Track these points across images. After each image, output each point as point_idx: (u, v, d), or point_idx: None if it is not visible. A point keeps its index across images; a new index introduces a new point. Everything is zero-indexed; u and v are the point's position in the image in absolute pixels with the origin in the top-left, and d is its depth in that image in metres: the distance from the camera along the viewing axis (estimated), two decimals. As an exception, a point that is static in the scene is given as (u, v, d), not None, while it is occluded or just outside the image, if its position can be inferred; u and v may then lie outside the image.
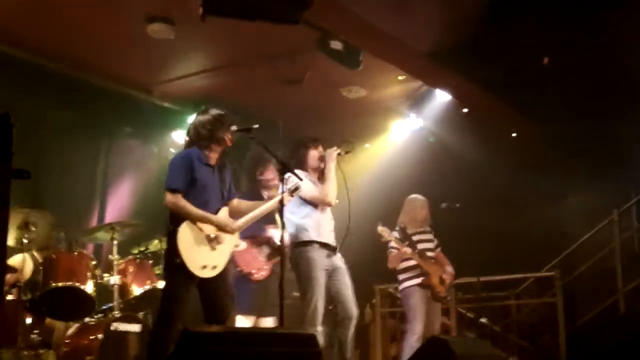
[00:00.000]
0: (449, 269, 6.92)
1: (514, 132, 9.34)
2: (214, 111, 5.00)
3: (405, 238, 6.76)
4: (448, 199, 7.47)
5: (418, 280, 6.71)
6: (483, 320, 8.14)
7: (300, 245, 5.59)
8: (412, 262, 6.75)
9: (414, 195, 7.13)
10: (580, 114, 8.38)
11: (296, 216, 5.64)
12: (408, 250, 6.67)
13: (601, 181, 8.83)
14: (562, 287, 8.24)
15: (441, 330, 7.18)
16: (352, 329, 5.56)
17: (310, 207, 5.67)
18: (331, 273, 5.60)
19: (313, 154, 5.81)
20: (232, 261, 5.38)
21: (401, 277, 6.85)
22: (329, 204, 5.71)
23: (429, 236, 7.00)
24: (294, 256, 5.58)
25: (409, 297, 6.73)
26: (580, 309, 8.79)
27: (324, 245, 5.60)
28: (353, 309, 5.59)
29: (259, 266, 6.04)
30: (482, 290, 7.95)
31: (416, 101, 8.87)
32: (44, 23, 6.80)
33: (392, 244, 6.73)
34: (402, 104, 9.03)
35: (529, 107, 8.59)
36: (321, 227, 5.66)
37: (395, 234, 6.75)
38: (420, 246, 6.81)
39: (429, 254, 6.85)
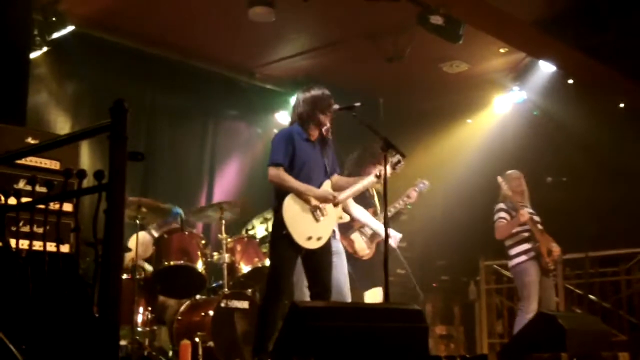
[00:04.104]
0: (555, 244, 6.72)
1: (621, 103, 8.99)
2: (314, 90, 5.09)
3: (514, 208, 6.58)
4: (553, 173, 7.31)
5: (532, 254, 6.48)
6: (592, 297, 7.93)
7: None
8: (524, 235, 6.55)
9: (508, 171, 6.86)
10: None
11: None
12: (526, 212, 6.48)
13: None
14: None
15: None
16: None
17: None
18: None
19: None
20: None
21: (513, 251, 6.62)
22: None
23: (534, 211, 6.75)
24: None
25: (523, 274, 6.49)
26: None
27: None
28: None
29: (363, 247, 6.11)
30: (591, 266, 7.75)
31: (519, 73, 8.67)
32: (150, 12, 7.06)
33: (501, 213, 6.59)
34: (504, 77, 8.85)
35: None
36: None
37: (504, 206, 6.61)
38: None
39: (538, 226, 6.66)
